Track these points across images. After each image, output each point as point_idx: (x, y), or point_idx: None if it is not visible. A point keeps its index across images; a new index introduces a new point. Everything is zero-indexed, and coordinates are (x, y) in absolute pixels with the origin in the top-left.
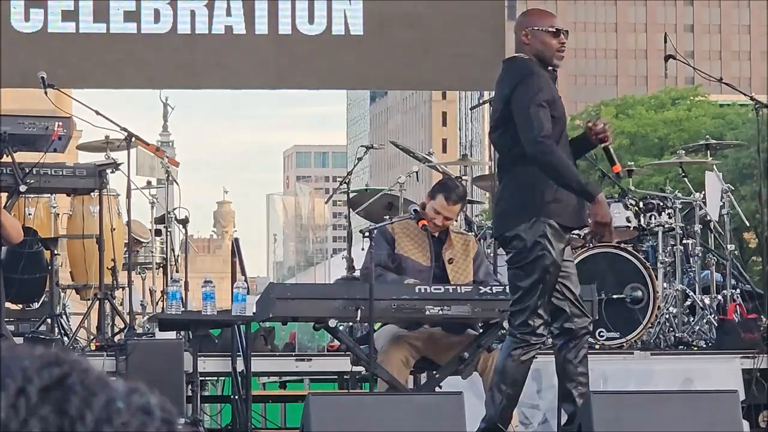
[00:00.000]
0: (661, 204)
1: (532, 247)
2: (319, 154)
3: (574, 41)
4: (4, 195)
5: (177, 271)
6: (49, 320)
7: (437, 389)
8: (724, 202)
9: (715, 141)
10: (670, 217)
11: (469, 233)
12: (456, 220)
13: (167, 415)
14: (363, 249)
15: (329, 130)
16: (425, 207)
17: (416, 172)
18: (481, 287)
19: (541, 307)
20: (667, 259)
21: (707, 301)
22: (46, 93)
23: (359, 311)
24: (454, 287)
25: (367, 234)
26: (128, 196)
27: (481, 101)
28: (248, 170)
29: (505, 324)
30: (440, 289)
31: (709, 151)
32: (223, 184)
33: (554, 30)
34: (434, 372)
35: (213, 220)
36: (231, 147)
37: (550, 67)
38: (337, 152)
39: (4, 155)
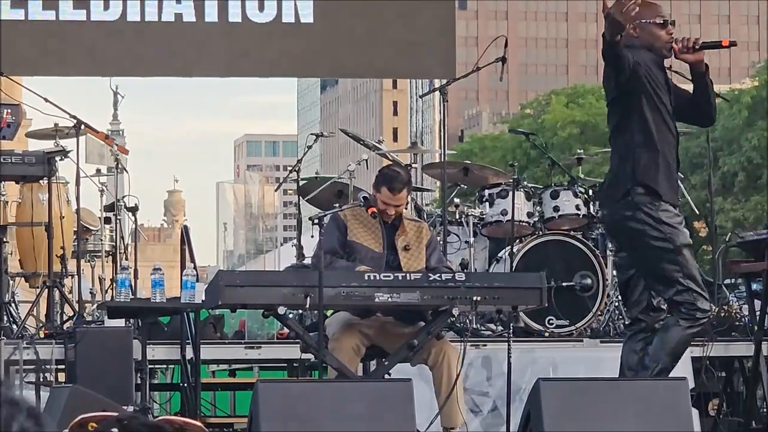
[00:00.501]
0: None
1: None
2: (269, 143)
3: (525, 31)
4: None
5: (126, 259)
6: None
7: (386, 376)
8: None
9: None
10: None
11: (422, 220)
12: (407, 208)
13: (33, 410)
14: (313, 237)
15: (280, 120)
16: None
17: (366, 160)
18: (430, 274)
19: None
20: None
21: None
22: None
23: (308, 298)
24: (404, 274)
25: (316, 222)
26: (77, 184)
27: (431, 89)
28: (199, 159)
29: (455, 311)
30: (390, 276)
31: None
32: (173, 173)
33: (662, 21)
34: (384, 359)
35: (163, 209)
36: (182, 136)
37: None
38: (288, 141)
39: None
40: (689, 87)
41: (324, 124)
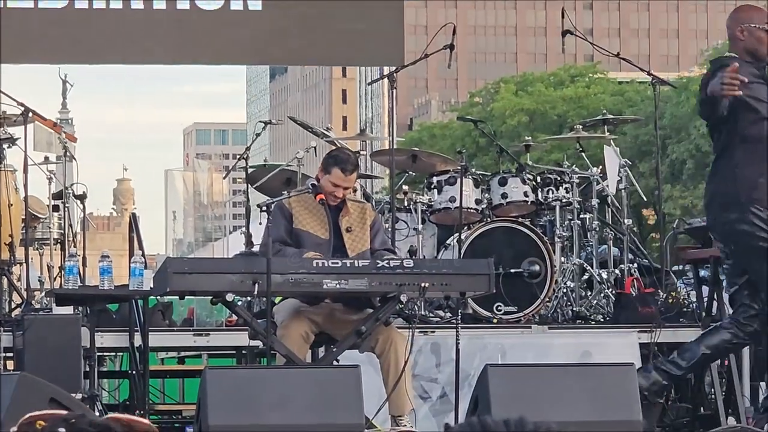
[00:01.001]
0: (559, 179)
1: None
2: (218, 131)
3: (474, 18)
4: None
5: (75, 247)
6: None
7: (335, 363)
8: (621, 177)
9: (612, 116)
10: (567, 192)
11: (366, 202)
12: (354, 191)
13: None
14: (261, 224)
15: (229, 108)
16: (318, 179)
17: (314, 148)
18: (378, 261)
19: None
20: (564, 234)
21: (604, 275)
22: None
23: (256, 285)
24: (352, 261)
25: (264, 209)
26: (25, 171)
27: (380, 76)
28: (148, 148)
29: (403, 298)
30: (338, 263)
31: (606, 127)
32: (123, 162)
33: None
34: (332, 346)
35: (113, 198)
36: (131, 124)
37: (762, 63)
38: (237, 130)
39: None
40: (637, 74)
41: (273, 112)
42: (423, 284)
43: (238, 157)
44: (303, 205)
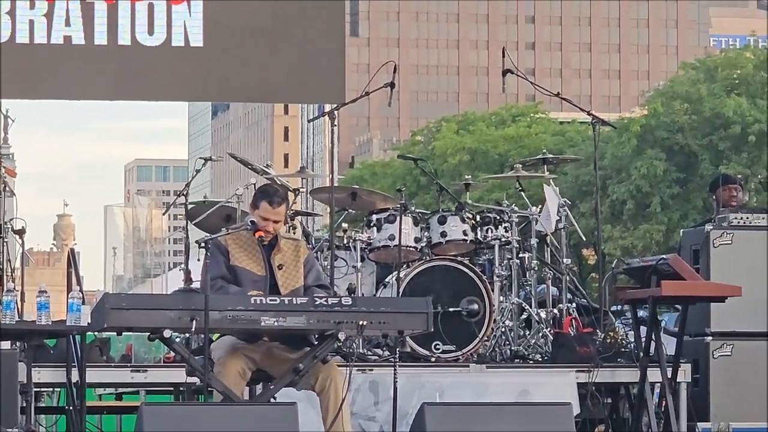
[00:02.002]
0: (498, 217)
1: None
2: (159, 168)
3: (417, 58)
4: None
5: (13, 282)
6: None
7: (272, 400)
8: (560, 216)
9: (552, 155)
10: (506, 231)
11: (300, 239)
12: (286, 222)
13: None
14: (200, 260)
15: (171, 145)
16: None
17: (254, 184)
18: (317, 298)
19: None
20: (503, 273)
21: (543, 314)
22: None
23: (194, 322)
24: (290, 299)
25: (203, 245)
26: None
27: (321, 113)
28: (89, 183)
29: (341, 335)
30: (276, 300)
31: (546, 166)
32: (63, 197)
33: None
34: (270, 384)
35: (53, 233)
36: (73, 160)
37: None
38: (179, 167)
39: None
40: (579, 114)
41: (215, 149)
42: (361, 322)
43: (178, 193)
44: (238, 242)
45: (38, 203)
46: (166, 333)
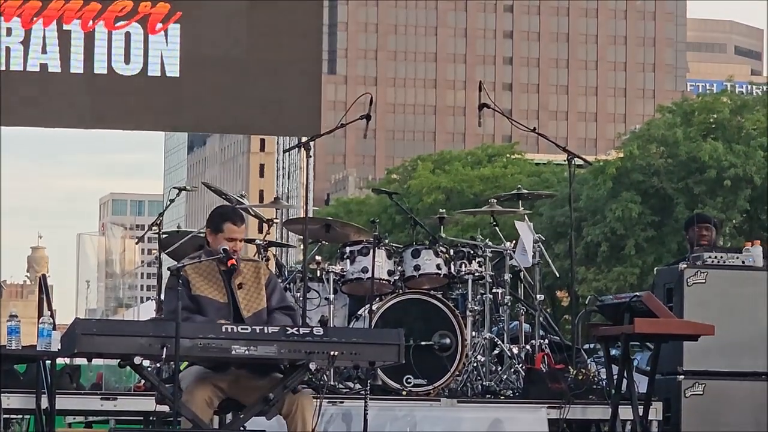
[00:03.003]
0: (472, 252)
1: None
2: (135, 202)
3: (394, 97)
4: None
5: None
6: None
7: (242, 429)
8: (535, 252)
9: (527, 191)
10: (480, 266)
11: (260, 261)
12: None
13: None
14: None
15: (146, 179)
16: (209, 244)
17: None
18: (288, 328)
19: None
20: (476, 308)
21: (515, 350)
22: None
23: (165, 349)
24: (261, 327)
25: (174, 271)
26: None
27: (297, 144)
28: (64, 216)
29: (312, 366)
30: (247, 329)
31: (521, 202)
32: (38, 230)
33: None
34: (239, 412)
35: (27, 265)
36: (48, 192)
37: None
38: (154, 201)
39: None
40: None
41: (190, 184)
42: (332, 352)
43: (151, 222)
44: (197, 271)
45: (12, 235)
46: (137, 360)
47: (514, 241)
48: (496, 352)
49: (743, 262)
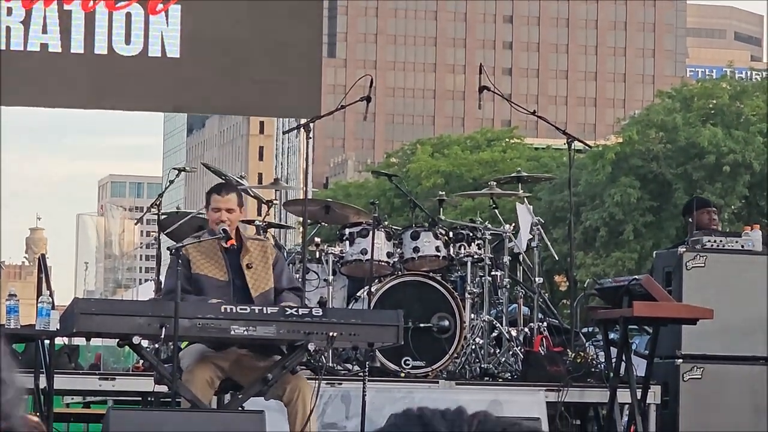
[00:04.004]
0: (471, 234)
1: None
2: (134, 184)
3: (393, 81)
4: None
5: None
6: None
7: (240, 409)
8: (533, 235)
9: (527, 174)
10: (479, 248)
11: (266, 239)
12: (259, 233)
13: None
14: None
15: (145, 161)
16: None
17: None
18: (287, 309)
19: None
20: (475, 290)
21: (514, 333)
22: None
23: (164, 329)
24: (260, 308)
25: (173, 252)
26: None
27: (297, 125)
28: (63, 198)
29: (311, 347)
30: (246, 309)
31: (521, 185)
32: (36, 211)
33: None
34: (238, 393)
35: (25, 246)
36: (47, 174)
37: None
38: (153, 183)
39: None
40: (554, 141)
41: (189, 166)
42: (331, 333)
43: (151, 203)
44: (199, 250)
45: (10, 217)
46: (135, 339)
47: (513, 224)
48: (494, 334)
49: (743, 247)
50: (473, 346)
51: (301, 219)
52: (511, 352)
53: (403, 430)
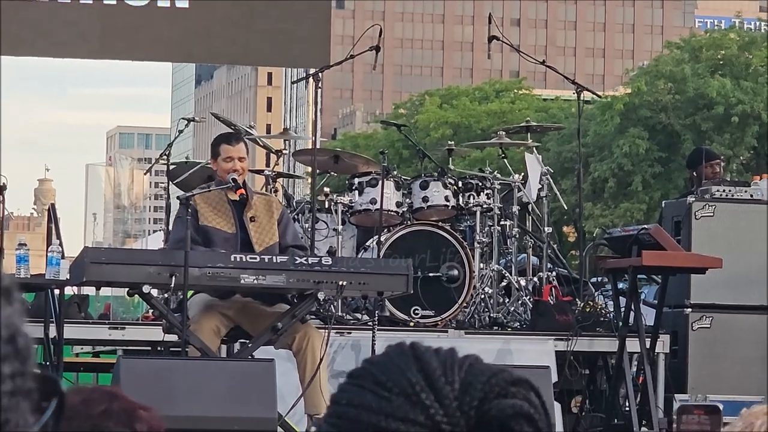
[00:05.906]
0: (480, 184)
1: None
2: (142, 135)
3: (401, 32)
4: None
5: None
6: None
7: (249, 358)
8: (542, 185)
9: (536, 123)
10: (488, 198)
11: (271, 194)
12: (268, 184)
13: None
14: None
15: (153, 113)
16: (217, 173)
17: None
18: (297, 257)
19: None
20: (484, 240)
21: (523, 282)
22: None
23: (173, 278)
24: (270, 257)
25: (183, 201)
26: None
27: (306, 75)
28: (71, 149)
29: (320, 295)
30: (256, 258)
31: (530, 134)
32: (45, 162)
33: None
34: (247, 342)
35: (33, 198)
36: (55, 125)
37: None
38: (161, 134)
39: None
40: (562, 92)
41: (198, 116)
42: (341, 282)
43: (160, 154)
44: (207, 201)
45: (19, 168)
46: (145, 288)
47: (522, 174)
48: (503, 284)
49: (752, 196)
50: (482, 296)
51: (310, 169)
52: (520, 302)
53: (395, 359)
